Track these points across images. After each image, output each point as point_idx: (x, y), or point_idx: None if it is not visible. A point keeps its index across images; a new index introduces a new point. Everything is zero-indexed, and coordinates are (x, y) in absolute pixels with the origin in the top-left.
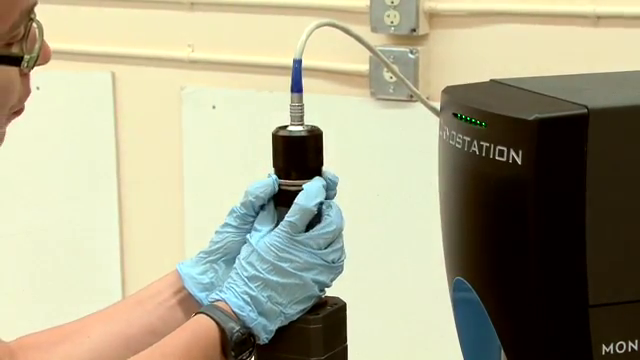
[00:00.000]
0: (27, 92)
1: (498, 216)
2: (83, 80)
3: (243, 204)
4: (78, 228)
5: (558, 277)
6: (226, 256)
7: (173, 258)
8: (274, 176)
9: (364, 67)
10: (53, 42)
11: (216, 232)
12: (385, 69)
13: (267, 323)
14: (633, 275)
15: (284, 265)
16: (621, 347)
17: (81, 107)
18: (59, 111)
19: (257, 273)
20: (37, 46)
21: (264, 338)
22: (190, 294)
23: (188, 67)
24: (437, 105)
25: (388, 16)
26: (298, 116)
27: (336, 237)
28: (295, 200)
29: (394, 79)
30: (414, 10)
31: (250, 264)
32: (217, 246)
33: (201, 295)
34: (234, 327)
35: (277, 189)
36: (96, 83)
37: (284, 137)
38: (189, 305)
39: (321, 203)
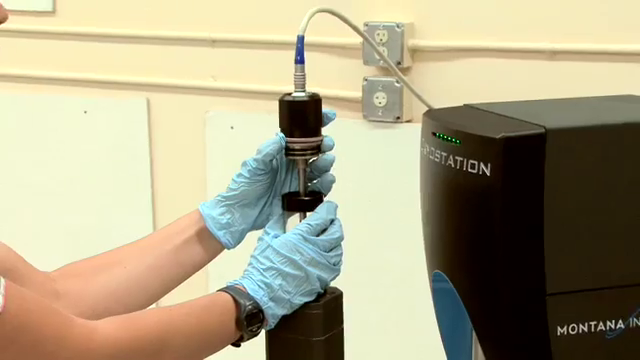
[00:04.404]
0: None
1: (470, 219)
2: (123, 105)
3: (255, 159)
4: (116, 234)
5: (520, 270)
6: (241, 202)
7: None
8: (281, 134)
9: (357, 94)
10: (99, 74)
11: (232, 180)
12: (375, 95)
13: (276, 309)
14: (582, 269)
15: (296, 258)
16: (573, 329)
17: (121, 128)
18: (103, 131)
19: (272, 264)
20: None
21: (271, 323)
22: (210, 232)
23: (211, 94)
24: (419, 126)
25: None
26: (301, 84)
27: (338, 244)
28: (316, 210)
29: (382, 104)
30: (399, 46)
31: (266, 257)
32: (233, 193)
33: (219, 233)
34: (246, 302)
35: (284, 145)
36: (134, 108)
37: (289, 102)
38: (209, 241)
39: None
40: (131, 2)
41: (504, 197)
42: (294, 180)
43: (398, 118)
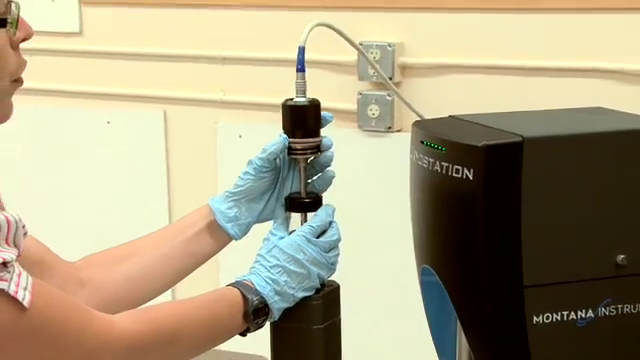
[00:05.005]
0: (21, 62)
1: (455, 219)
2: (142, 116)
3: (260, 158)
4: (136, 232)
5: (500, 265)
6: (247, 197)
7: (208, 261)
8: (284, 135)
9: (353, 106)
10: (120, 88)
11: (239, 177)
12: (369, 108)
13: (281, 303)
14: (556, 263)
15: (299, 257)
16: (548, 318)
17: (140, 137)
18: (124, 140)
19: (278, 262)
20: (15, 10)
21: (275, 315)
22: (219, 224)
23: (221, 107)
24: (408, 135)
25: (371, 67)
26: (301, 90)
27: (336, 245)
28: (317, 213)
29: (375, 115)
30: (390, 63)
31: (273, 256)
32: (240, 189)
33: (227, 225)
34: (254, 297)
35: (287, 144)
36: (152, 119)
37: (291, 106)
38: (218, 232)
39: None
40: (149, 24)
41: (485, 199)
42: (295, 177)
43: (389, 128)
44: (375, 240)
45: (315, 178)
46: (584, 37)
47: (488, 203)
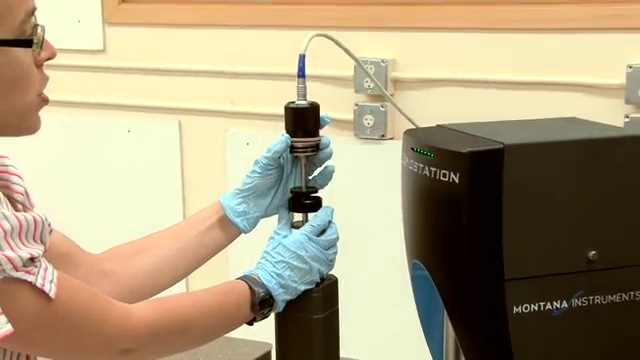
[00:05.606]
0: (44, 78)
1: (442, 219)
2: (159, 126)
3: (265, 157)
4: (152, 228)
5: (483, 260)
6: (254, 193)
7: (219, 257)
8: (287, 135)
9: (349, 116)
10: (140, 100)
11: (247, 176)
12: (364, 118)
13: (284, 295)
14: (534, 258)
15: (302, 253)
16: (526, 308)
17: (158, 144)
18: (143, 146)
19: (283, 258)
20: (40, 33)
21: (280, 306)
22: (229, 219)
23: (230, 117)
24: (400, 143)
25: (366, 82)
26: (302, 93)
27: (334, 243)
28: (317, 214)
29: (370, 124)
30: (384, 78)
31: (277, 253)
32: (248, 186)
33: (237, 220)
34: (260, 290)
35: (290, 143)
36: (168, 128)
37: (293, 108)
38: (228, 227)
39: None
40: (166, 43)
41: (470, 201)
42: (298, 174)
43: (383, 136)
44: (370, 238)
45: (316, 174)
46: (559, 55)
47: (472, 204)
